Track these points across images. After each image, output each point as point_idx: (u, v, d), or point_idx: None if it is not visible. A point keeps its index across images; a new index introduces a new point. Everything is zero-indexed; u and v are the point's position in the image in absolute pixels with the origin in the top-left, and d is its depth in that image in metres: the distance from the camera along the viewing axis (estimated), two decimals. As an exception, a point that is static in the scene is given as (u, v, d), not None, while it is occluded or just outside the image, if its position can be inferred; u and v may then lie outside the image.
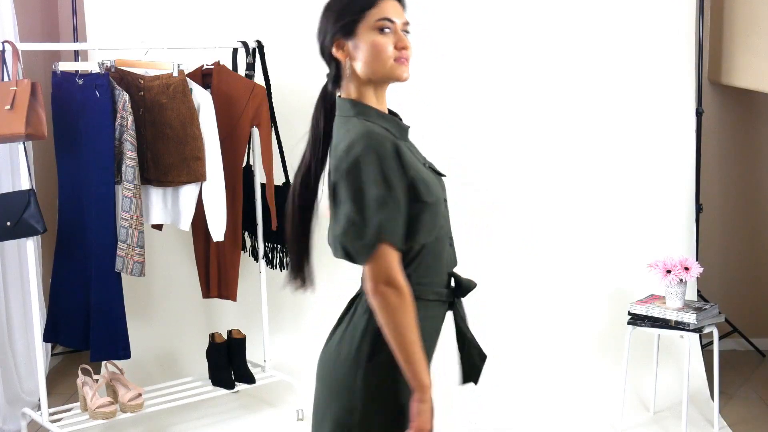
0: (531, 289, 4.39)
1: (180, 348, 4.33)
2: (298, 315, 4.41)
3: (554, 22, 4.31)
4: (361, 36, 1.95)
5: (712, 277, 4.63)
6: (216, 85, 3.80)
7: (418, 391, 1.90)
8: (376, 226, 1.86)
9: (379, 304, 1.89)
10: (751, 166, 4.74)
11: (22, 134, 3.27)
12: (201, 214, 3.74)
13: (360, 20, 1.95)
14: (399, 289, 1.88)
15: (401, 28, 1.97)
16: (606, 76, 4.32)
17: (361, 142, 1.88)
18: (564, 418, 3.96)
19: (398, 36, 1.95)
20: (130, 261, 3.54)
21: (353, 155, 1.87)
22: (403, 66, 1.96)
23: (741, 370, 4.49)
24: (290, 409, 4.01)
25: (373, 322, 1.95)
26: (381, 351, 1.94)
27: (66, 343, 3.92)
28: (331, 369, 2.03)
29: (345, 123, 1.97)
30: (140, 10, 4.21)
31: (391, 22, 1.94)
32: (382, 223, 1.86)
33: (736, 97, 4.64)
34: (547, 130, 4.37)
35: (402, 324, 1.88)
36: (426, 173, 2.00)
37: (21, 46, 3.47)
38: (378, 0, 1.95)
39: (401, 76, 1.96)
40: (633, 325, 3.76)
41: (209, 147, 3.66)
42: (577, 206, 4.37)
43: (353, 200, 1.86)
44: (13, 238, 3.43)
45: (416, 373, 1.89)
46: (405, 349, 1.88)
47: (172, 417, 3.93)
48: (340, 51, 1.99)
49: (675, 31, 4.27)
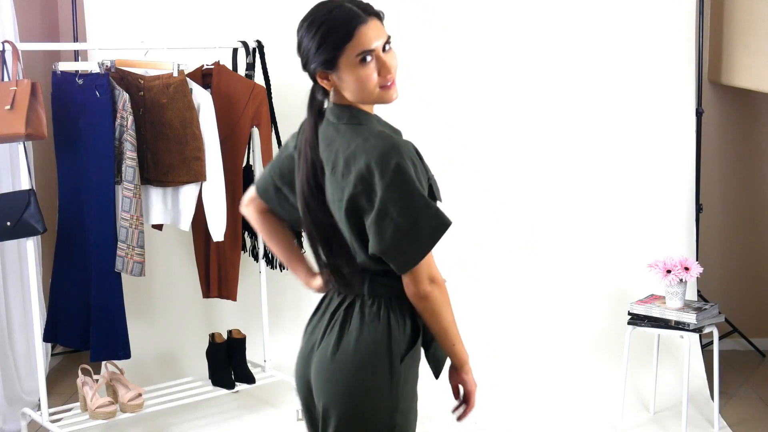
0: (531, 289, 4.39)
1: (180, 348, 4.34)
2: (298, 315, 4.40)
3: (554, 23, 4.31)
4: (343, 69, 1.94)
5: (712, 277, 4.62)
6: (216, 85, 3.80)
7: (466, 365, 2.10)
8: (430, 231, 1.92)
9: (429, 303, 1.98)
10: (751, 166, 4.74)
11: (22, 134, 3.27)
12: (201, 214, 3.74)
13: (339, 56, 1.93)
14: (441, 284, 1.99)
15: (383, 49, 1.95)
16: (606, 76, 4.32)
17: (394, 151, 1.89)
18: (564, 418, 3.96)
19: (380, 61, 1.94)
20: (130, 261, 3.54)
21: (393, 164, 1.88)
22: (390, 90, 1.97)
23: (741, 370, 4.49)
24: (290, 409, 4.01)
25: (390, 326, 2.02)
26: (407, 352, 2.03)
27: (66, 343, 3.92)
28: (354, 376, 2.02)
29: (352, 131, 1.97)
30: (140, 10, 4.21)
31: (371, 51, 1.93)
32: (432, 227, 1.92)
33: (736, 97, 4.64)
34: (547, 130, 4.37)
35: (448, 314, 2.02)
36: None
37: (21, 46, 3.47)
38: (354, 31, 1.91)
39: (390, 100, 1.98)
40: (633, 325, 3.76)
41: (209, 147, 3.66)
42: (577, 206, 4.38)
43: (404, 208, 1.90)
44: (13, 238, 3.42)
45: (462, 352, 2.08)
46: (452, 334, 2.04)
47: (172, 417, 3.93)
48: (325, 81, 1.98)
49: (675, 31, 4.27)
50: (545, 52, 4.32)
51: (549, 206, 4.39)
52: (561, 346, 4.34)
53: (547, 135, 4.37)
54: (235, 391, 3.93)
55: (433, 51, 4.26)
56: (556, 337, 4.35)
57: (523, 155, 4.37)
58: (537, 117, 4.36)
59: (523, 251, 4.40)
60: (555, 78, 4.33)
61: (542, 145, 4.37)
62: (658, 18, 4.27)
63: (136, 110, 3.60)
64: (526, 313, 4.38)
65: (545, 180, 4.38)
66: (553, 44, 4.32)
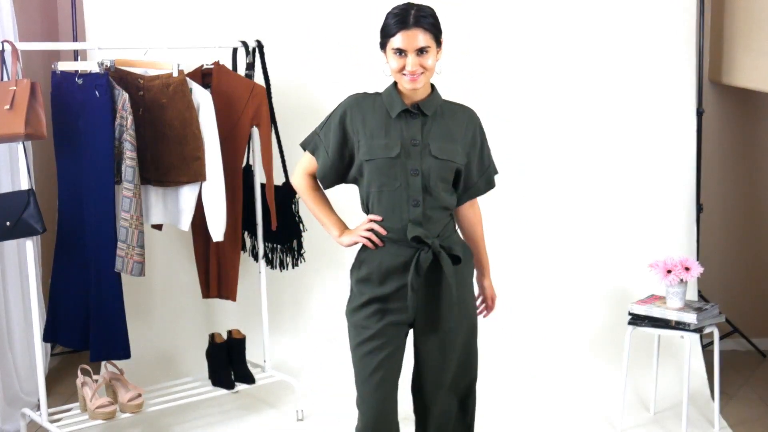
0: (531, 289, 4.39)
1: (180, 348, 4.33)
2: (298, 315, 4.41)
3: (554, 23, 4.31)
4: (387, 53, 2.65)
5: (713, 277, 4.62)
6: (216, 85, 3.80)
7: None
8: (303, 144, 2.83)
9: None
10: (752, 166, 4.74)
11: (21, 134, 3.26)
12: (201, 214, 3.74)
13: (386, 43, 2.63)
14: (296, 180, 2.86)
15: (414, 53, 2.58)
16: (606, 77, 4.32)
17: (343, 101, 2.79)
18: (564, 418, 3.96)
19: (405, 61, 2.60)
20: (130, 261, 3.54)
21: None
22: (410, 81, 2.62)
23: (741, 371, 4.49)
24: (290, 409, 4.01)
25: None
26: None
27: (65, 343, 3.91)
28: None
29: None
30: (140, 10, 4.21)
31: (401, 50, 2.59)
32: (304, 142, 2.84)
33: (737, 96, 4.64)
34: (548, 130, 4.37)
35: (307, 202, 2.85)
36: None
37: (20, 45, 3.47)
38: (397, 31, 2.59)
39: (405, 88, 2.66)
40: (633, 325, 3.76)
41: (209, 147, 3.66)
42: (577, 206, 4.37)
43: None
44: (12, 238, 3.42)
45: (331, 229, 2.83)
46: (320, 221, 2.84)
47: (172, 417, 3.93)
48: (384, 54, 2.67)
49: (675, 31, 4.27)
50: (545, 52, 4.32)
51: (549, 206, 4.39)
52: (561, 346, 4.34)
53: (548, 135, 4.37)
54: (234, 391, 3.93)
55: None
56: (557, 337, 4.35)
57: (524, 155, 4.37)
58: (537, 117, 4.36)
59: (523, 251, 4.40)
60: (555, 78, 4.33)
61: (542, 144, 4.37)
62: (658, 18, 4.27)
63: (136, 110, 3.60)
64: (527, 312, 4.38)
65: (545, 180, 4.38)
66: (554, 44, 4.32)
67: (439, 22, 2.64)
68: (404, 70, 2.60)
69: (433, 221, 2.66)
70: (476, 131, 2.75)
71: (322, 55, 4.30)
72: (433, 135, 2.67)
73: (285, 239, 4.01)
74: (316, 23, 4.29)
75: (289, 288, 4.34)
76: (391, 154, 2.63)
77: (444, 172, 2.66)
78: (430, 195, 2.65)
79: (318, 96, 4.25)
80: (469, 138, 2.72)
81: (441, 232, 2.68)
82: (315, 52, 4.31)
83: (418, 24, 2.58)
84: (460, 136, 2.70)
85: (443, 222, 2.69)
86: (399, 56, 2.59)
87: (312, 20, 4.29)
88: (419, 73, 2.60)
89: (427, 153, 2.64)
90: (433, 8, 2.65)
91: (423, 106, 2.68)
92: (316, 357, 4.36)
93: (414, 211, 2.64)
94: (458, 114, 2.74)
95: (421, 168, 2.63)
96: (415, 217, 2.64)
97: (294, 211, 4.00)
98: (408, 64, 2.58)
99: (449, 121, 2.71)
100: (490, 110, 4.34)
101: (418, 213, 2.64)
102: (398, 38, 2.58)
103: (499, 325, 4.34)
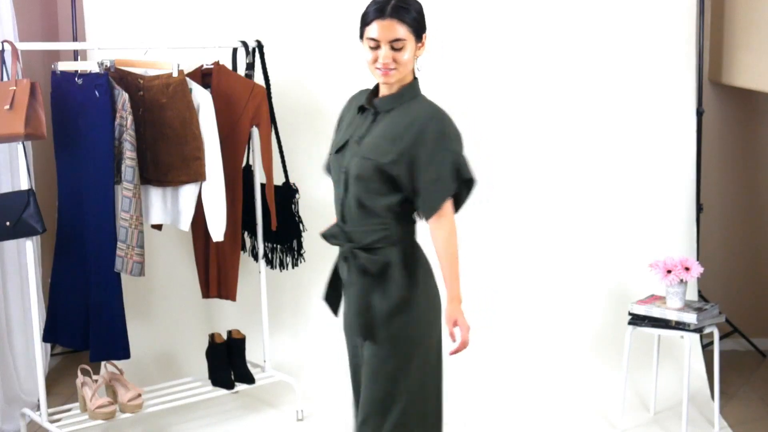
0: (531, 289, 4.39)
1: (180, 348, 4.33)
2: (297, 315, 4.41)
3: (554, 23, 4.30)
4: (363, 42, 2.52)
5: (713, 277, 4.62)
6: (216, 85, 3.80)
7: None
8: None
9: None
10: (752, 166, 4.74)
11: (21, 134, 3.26)
12: (201, 214, 3.74)
13: (362, 33, 2.51)
14: None
15: (387, 45, 2.46)
16: (606, 77, 4.31)
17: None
18: (564, 418, 3.96)
19: (378, 53, 2.48)
20: (130, 261, 3.53)
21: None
22: (382, 75, 2.49)
23: (741, 371, 4.48)
24: (290, 409, 4.01)
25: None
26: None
27: (65, 343, 3.91)
28: None
29: None
30: (140, 10, 4.21)
31: (375, 41, 2.47)
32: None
33: (737, 97, 4.63)
34: (548, 130, 4.36)
35: None
36: None
37: (20, 45, 3.47)
38: (372, 19, 2.47)
39: (379, 80, 2.54)
40: (633, 325, 3.76)
41: (209, 147, 3.65)
42: (577, 206, 4.37)
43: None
44: (12, 238, 3.42)
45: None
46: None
47: (172, 417, 3.93)
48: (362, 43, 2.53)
49: (675, 31, 4.26)
50: (545, 53, 4.32)
51: (549, 206, 4.38)
52: (561, 346, 4.33)
53: (548, 135, 4.36)
54: (234, 391, 3.93)
55: (432, 51, 4.24)
56: (557, 336, 4.35)
57: (524, 155, 4.37)
58: (537, 117, 4.36)
59: (523, 251, 4.39)
60: (555, 78, 4.33)
61: (542, 145, 4.37)
62: (658, 18, 4.27)
63: (136, 110, 3.60)
64: (527, 312, 4.38)
65: (545, 180, 4.38)
66: (554, 44, 4.31)
67: (423, 17, 2.51)
68: (377, 63, 2.48)
69: (360, 225, 2.52)
70: (421, 137, 2.45)
71: (322, 55, 4.30)
72: (374, 132, 2.51)
73: (285, 239, 4.01)
74: (316, 23, 4.29)
75: (289, 288, 4.34)
76: (334, 151, 2.60)
77: (365, 172, 2.47)
78: (352, 195, 2.51)
79: (318, 96, 4.25)
80: (407, 141, 2.45)
81: (373, 238, 2.50)
82: (315, 52, 4.30)
83: (396, 15, 2.44)
84: (398, 137, 2.46)
85: (376, 229, 2.50)
86: (373, 47, 2.47)
87: (312, 20, 4.29)
88: (391, 67, 2.46)
89: (358, 151, 2.51)
90: (421, 4, 2.52)
91: (379, 102, 2.54)
92: (316, 357, 4.36)
93: (339, 210, 2.58)
94: (411, 114, 2.49)
95: (348, 166, 2.53)
96: (340, 217, 2.58)
97: (294, 211, 4.00)
98: (380, 56, 2.46)
99: (397, 120, 2.49)
100: (490, 111, 4.36)
101: (341, 213, 2.57)
102: (373, 27, 2.45)
103: (499, 325, 4.34)
